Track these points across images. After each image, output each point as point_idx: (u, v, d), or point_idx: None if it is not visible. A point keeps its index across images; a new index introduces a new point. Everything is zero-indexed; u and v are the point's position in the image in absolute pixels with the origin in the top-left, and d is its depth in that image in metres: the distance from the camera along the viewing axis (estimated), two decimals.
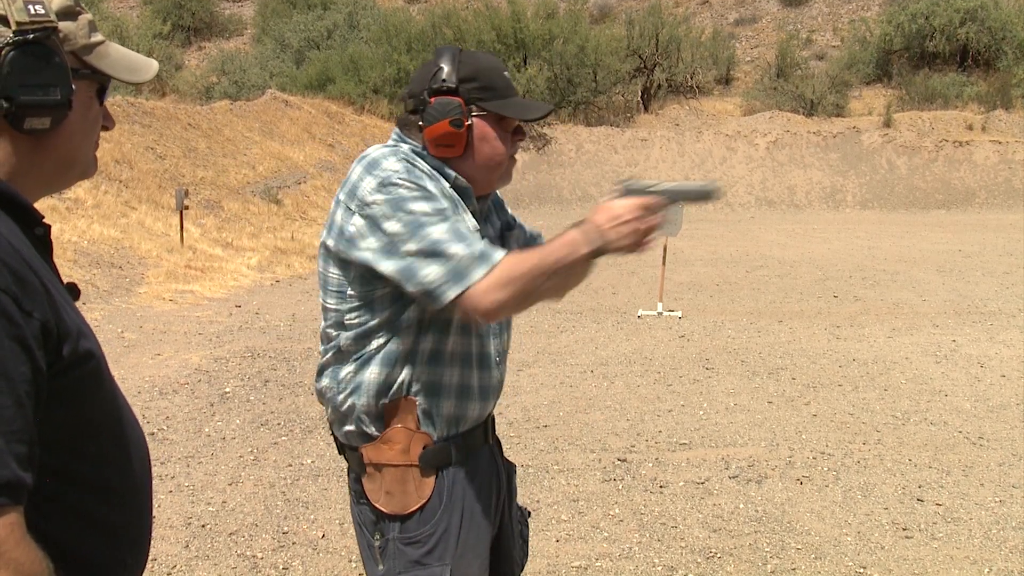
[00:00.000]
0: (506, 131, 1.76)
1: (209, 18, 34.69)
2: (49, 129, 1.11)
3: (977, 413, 5.46)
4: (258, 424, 5.11)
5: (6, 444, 0.95)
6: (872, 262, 12.42)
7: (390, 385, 1.71)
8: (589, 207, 21.41)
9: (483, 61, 1.76)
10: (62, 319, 1.05)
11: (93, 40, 1.17)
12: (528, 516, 2.05)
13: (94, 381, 1.12)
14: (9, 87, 1.07)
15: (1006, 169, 21.93)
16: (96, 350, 1.12)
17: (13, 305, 0.98)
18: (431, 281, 1.57)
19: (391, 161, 1.66)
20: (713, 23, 31.60)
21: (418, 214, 1.58)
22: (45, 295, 1.04)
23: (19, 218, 1.09)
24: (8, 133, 1.10)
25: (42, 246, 1.13)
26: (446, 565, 1.72)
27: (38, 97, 1.08)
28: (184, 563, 3.44)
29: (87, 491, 1.11)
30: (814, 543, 3.67)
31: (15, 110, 1.08)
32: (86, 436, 1.11)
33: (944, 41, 26.61)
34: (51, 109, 1.10)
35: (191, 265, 10.62)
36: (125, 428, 1.19)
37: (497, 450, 1.92)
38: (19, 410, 0.97)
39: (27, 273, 1.02)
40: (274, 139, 18.81)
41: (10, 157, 1.11)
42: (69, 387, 1.06)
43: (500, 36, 23.67)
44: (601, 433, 5.03)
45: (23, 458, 0.97)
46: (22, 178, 1.12)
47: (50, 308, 1.04)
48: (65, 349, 1.05)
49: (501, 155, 1.75)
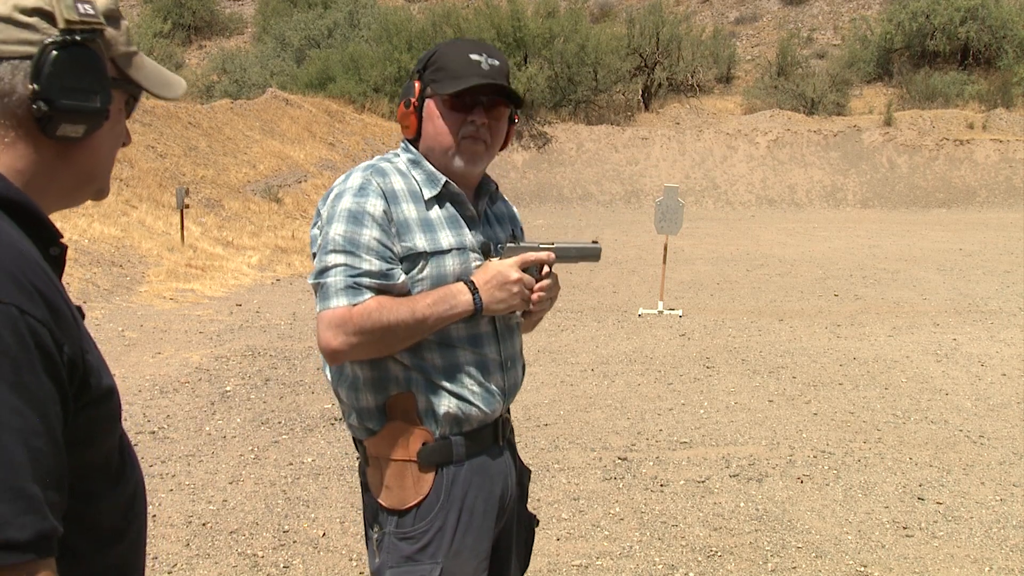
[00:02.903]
0: (457, 111, 1.76)
1: (210, 17, 34.71)
2: (80, 138, 1.04)
3: (978, 412, 5.46)
4: (259, 423, 5.11)
5: (42, 492, 0.88)
6: (873, 261, 12.41)
7: (385, 382, 1.74)
8: (590, 206, 21.46)
9: (452, 46, 1.79)
10: (88, 352, 0.99)
11: (131, 49, 1.11)
12: (536, 524, 2.02)
13: (111, 420, 1.05)
14: (50, 89, 0.98)
15: (1007, 168, 21.92)
16: (115, 386, 1.05)
17: (50, 338, 0.92)
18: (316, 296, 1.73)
19: (355, 176, 1.76)
20: (714, 21, 31.60)
21: (332, 235, 1.69)
22: (74, 327, 0.98)
23: (35, 234, 1.01)
24: (34, 138, 1.02)
25: (55, 266, 1.04)
26: (437, 563, 1.72)
27: (77, 103, 1.01)
28: (185, 561, 3.44)
29: (95, 534, 1.04)
30: (815, 542, 3.67)
31: (52, 114, 0.99)
32: (98, 479, 1.04)
33: (945, 40, 26.62)
34: (88, 117, 1.03)
35: (192, 264, 10.62)
36: (134, 471, 1.13)
37: (511, 452, 1.90)
38: (56, 455, 0.91)
39: (60, 303, 0.96)
40: (275, 138, 18.81)
41: (31, 165, 1.03)
42: (87, 425, 0.99)
43: (500, 35, 23.66)
44: (602, 432, 5.03)
45: (56, 506, 0.91)
46: (39, 189, 1.04)
47: (78, 341, 0.98)
48: (91, 384, 0.98)
49: (443, 134, 1.77)
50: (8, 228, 0.97)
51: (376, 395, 1.75)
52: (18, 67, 0.98)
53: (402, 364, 1.73)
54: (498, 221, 1.91)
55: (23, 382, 0.89)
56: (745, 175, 22.36)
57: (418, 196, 1.77)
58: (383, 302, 1.66)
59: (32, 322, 0.91)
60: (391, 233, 1.70)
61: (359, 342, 1.66)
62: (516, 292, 1.74)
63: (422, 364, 1.73)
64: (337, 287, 1.67)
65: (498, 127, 1.80)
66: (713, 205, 21.34)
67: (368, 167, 1.78)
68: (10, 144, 1.01)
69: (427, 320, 1.68)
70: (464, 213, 1.81)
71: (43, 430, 0.89)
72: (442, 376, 1.74)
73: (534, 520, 2.00)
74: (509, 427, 1.90)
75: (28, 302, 0.91)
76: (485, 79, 1.73)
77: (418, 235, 1.72)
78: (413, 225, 1.73)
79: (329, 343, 1.67)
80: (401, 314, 1.65)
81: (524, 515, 1.96)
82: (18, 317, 0.90)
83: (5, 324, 0.88)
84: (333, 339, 1.66)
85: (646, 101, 26.23)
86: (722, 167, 22.54)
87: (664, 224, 8.73)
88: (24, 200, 1.00)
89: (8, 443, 0.86)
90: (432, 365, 1.74)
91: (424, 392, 1.73)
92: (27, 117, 1.00)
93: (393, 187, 1.75)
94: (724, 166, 22.59)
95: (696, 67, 26.85)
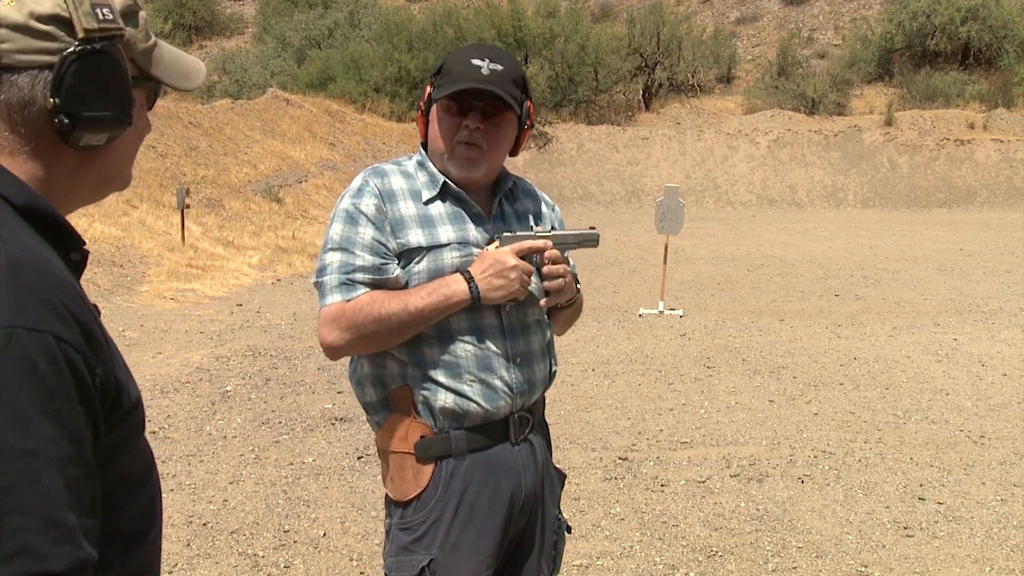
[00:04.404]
0: (452, 116, 1.77)
1: (210, 16, 34.73)
2: (103, 145, 1.02)
3: (978, 412, 5.46)
4: (259, 423, 5.11)
5: (78, 519, 0.88)
6: (873, 261, 12.41)
7: (385, 377, 1.78)
8: (590, 206, 21.44)
9: (459, 50, 1.80)
10: (117, 366, 0.98)
11: (150, 44, 1.07)
12: (568, 531, 2.00)
13: (137, 431, 1.05)
14: (71, 103, 0.96)
15: (1007, 168, 21.91)
16: (140, 396, 1.05)
17: (84, 365, 0.91)
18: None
19: (356, 179, 1.82)
20: (714, 21, 31.59)
21: (330, 235, 1.77)
22: (105, 347, 0.96)
23: (56, 241, 0.99)
24: (56, 147, 0.99)
25: (75, 271, 1.02)
26: (429, 554, 1.73)
27: (100, 113, 0.98)
28: (185, 561, 3.44)
29: (119, 539, 1.04)
30: (815, 542, 3.66)
31: (73, 126, 0.97)
32: (125, 486, 1.04)
33: (945, 39, 26.60)
34: (110, 125, 1.01)
35: (192, 264, 10.62)
36: (152, 470, 1.13)
37: (530, 453, 1.86)
38: (89, 481, 0.90)
39: (91, 323, 0.94)
40: (275, 138, 18.82)
41: (54, 172, 1.00)
42: (116, 441, 0.99)
43: (501, 35, 23.66)
44: (602, 432, 5.03)
45: (91, 533, 0.90)
46: (62, 195, 1.02)
47: (110, 362, 0.96)
48: (123, 400, 0.98)
49: (439, 138, 1.80)
50: (36, 245, 0.95)
51: (378, 389, 1.80)
52: (37, 77, 0.96)
53: (399, 359, 1.76)
54: (517, 218, 1.90)
55: (59, 410, 0.88)
56: (746, 175, 22.35)
57: (418, 195, 1.80)
58: (375, 296, 1.70)
59: (67, 349, 0.90)
60: (386, 231, 1.74)
61: (353, 337, 1.71)
62: (514, 279, 1.73)
63: (419, 359, 1.75)
64: (332, 284, 1.73)
65: (497, 132, 1.79)
66: (714, 205, 21.34)
67: (370, 170, 1.84)
68: (31, 153, 0.99)
69: (422, 312, 1.69)
70: (469, 210, 1.82)
71: (78, 458, 0.89)
72: (439, 371, 1.75)
73: (564, 526, 1.98)
74: (529, 425, 1.86)
75: (64, 329, 0.90)
76: (477, 84, 1.72)
77: (413, 231, 1.75)
78: (409, 222, 1.76)
79: (325, 338, 1.74)
80: (393, 307, 1.69)
81: (551, 519, 1.93)
82: (54, 345, 0.88)
83: (40, 353, 0.87)
84: (328, 335, 1.73)
85: (647, 101, 26.23)
86: (723, 167, 22.53)
87: (665, 224, 8.72)
88: (48, 209, 0.99)
89: (45, 473, 0.86)
90: (429, 360, 1.75)
91: (420, 386, 1.75)
92: (48, 127, 0.98)
93: (391, 187, 1.78)
94: (725, 166, 22.58)
95: (697, 67, 26.85)
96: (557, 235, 1.84)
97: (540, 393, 1.89)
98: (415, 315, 1.69)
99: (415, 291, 1.72)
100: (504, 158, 1.86)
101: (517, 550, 1.88)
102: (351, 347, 1.74)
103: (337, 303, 1.72)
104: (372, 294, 1.71)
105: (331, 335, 1.72)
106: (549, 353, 1.93)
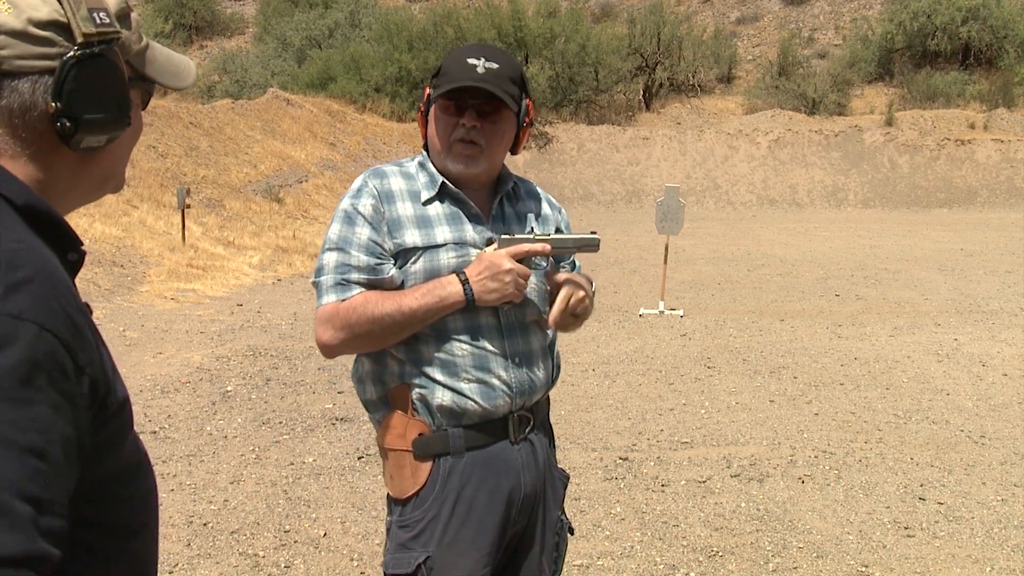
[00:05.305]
0: (448, 115, 1.78)
1: (211, 16, 34.73)
2: (102, 146, 1.04)
3: (979, 412, 5.46)
4: (260, 423, 5.11)
5: (35, 512, 0.84)
6: (874, 261, 12.41)
7: (384, 375, 1.80)
8: (591, 206, 21.43)
9: (456, 50, 1.82)
10: (106, 367, 0.99)
11: (143, 45, 1.10)
12: (571, 531, 2.01)
13: (125, 429, 1.05)
14: (72, 107, 0.98)
15: (1008, 168, 21.90)
16: (128, 394, 1.05)
17: (71, 362, 0.91)
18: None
19: (359, 179, 1.85)
20: (715, 21, 31.59)
21: (329, 235, 1.79)
22: (94, 343, 0.96)
23: (54, 241, 1.00)
24: (56, 149, 1.01)
25: (71, 271, 1.02)
26: (426, 552, 1.74)
27: (100, 115, 1.00)
28: (186, 561, 3.44)
29: (113, 532, 1.04)
30: (816, 542, 3.66)
31: (75, 130, 0.99)
32: (118, 482, 1.04)
33: (946, 39, 26.60)
34: (110, 127, 1.03)
35: (192, 264, 10.63)
36: (144, 462, 1.13)
37: (530, 452, 1.86)
38: (57, 477, 0.88)
39: (81, 321, 0.95)
40: (276, 138, 18.82)
41: (53, 174, 1.02)
42: (105, 440, 0.98)
43: (501, 35, 23.66)
44: (603, 432, 5.03)
45: (53, 532, 0.86)
46: (61, 195, 1.04)
47: (98, 358, 0.96)
48: (110, 400, 0.98)
49: (436, 136, 1.81)
50: (33, 241, 0.95)
51: (378, 387, 1.81)
52: (38, 82, 0.98)
53: (397, 358, 1.78)
54: (518, 219, 1.90)
55: (28, 399, 0.86)
56: (746, 175, 22.35)
57: (417, 196, 1.81)
58: (369, 296, 1.72)
59: (51, 340, 0.89)
60: (382, 231, 1.76)
61: (347, 336, 1.73)
62: (508, 282, 1.73)
63: (417, 357, 1.76)
64: (328, 284, 1.76)
65: (495, 130, 1.79)
66: (714, 205, 21.33)
67: (370, 171, 1.86)
68: (32, 156, 1.01)
69: (416, 312, 1.71)
70: (467, 211, 1.82)
71: (44, 451, 0.86)
72: (436, 369, 1.76)
73: (566, 527, 1.98)
74: (530, 425, 1.86)
75: (50, 320, 0.90)
76: (471, 82, 1.72)
77: (410, 231, 1.76)
78: (406, 222, 1.77)
79: (320, 337, 1.76)
80: (386, 307, 1.70)
81: (553, 520, 1.93)
82: (36, 334, 0.88)
83: (21, 339, 0.87)
84: (323, 334, 1.76)
85: (647, 101, 26.23)
86: (723, 167, 22.53)
87: (665, 224, 8.72)
88: (47, 209, 1.00)
89: (2, 456, 0.83)
90: (426, 358, 1.76)
91: (418, 385, 1.76)
92: (48, 130, 1.00)
93: (390, 188, 1.80)
94: (725, 166, 22.58)
95: (697, 67, 26.85)
96: (556, 239, 1.82)
97: (542, 393, 1.89)
98: (409, 316, 1.71)
99: (410, 292, 1.73)
100: (504, 155, 1.86)
101: (518, 550, 1.89)
102: (345, 346, 1.76)
103: (332, 303, 1.74)
104: (367, 294, 1.73)
105: (326, 334, 1.75)
106: (551, 353, 1.93)
